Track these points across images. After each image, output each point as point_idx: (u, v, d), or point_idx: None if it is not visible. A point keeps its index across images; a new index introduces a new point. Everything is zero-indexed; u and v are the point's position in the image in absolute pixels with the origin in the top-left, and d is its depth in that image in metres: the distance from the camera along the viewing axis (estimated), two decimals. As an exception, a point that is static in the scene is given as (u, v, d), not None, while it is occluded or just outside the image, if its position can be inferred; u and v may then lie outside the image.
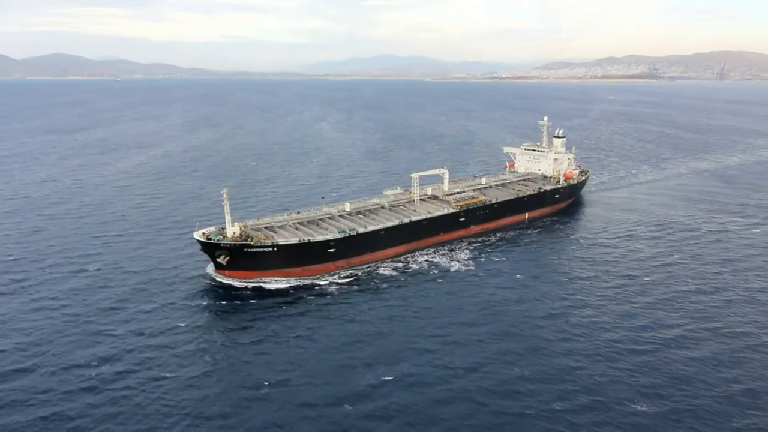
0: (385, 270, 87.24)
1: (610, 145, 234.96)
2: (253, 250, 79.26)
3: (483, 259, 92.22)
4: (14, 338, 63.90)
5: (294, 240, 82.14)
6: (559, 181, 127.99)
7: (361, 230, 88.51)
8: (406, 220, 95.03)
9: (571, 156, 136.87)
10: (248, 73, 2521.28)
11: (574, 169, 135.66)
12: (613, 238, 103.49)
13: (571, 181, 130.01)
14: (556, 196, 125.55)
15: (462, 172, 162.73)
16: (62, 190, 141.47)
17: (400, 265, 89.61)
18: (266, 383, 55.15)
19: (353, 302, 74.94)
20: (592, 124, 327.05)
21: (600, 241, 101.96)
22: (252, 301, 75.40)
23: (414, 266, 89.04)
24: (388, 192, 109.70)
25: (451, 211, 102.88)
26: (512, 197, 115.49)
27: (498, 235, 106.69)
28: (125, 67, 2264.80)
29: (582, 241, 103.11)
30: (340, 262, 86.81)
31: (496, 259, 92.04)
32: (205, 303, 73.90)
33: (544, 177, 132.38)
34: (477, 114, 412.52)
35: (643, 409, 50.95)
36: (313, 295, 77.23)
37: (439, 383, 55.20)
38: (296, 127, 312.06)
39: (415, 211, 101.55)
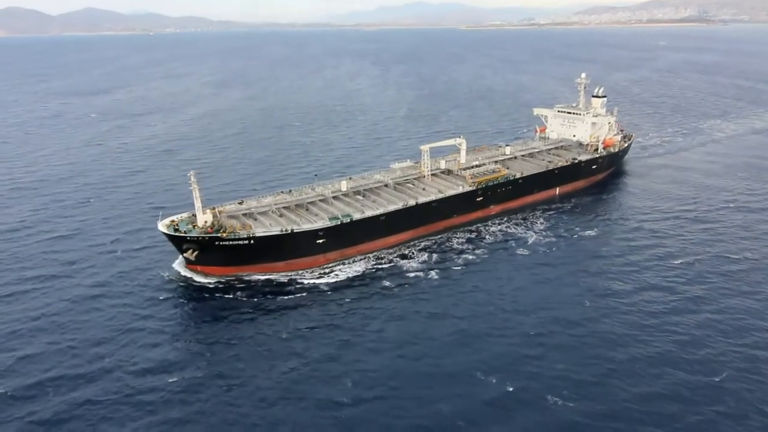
0: (458, 242, 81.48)
1: (671, 100, 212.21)
2: (226, 243, 68.40)
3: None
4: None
5: (275, 230, 70.60)
6: (597, 149, 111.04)
7: (356, 216, 76.11)
8: (412, 203, 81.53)
9: (612, 119, 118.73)
10: (278, 24, 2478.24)
11: (615, 135, 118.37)
12: (701, 218, 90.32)
13: (612, 149, 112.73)
14: (593, 167, 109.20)
15: (518, 134, 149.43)
16: (104, 156, 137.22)
17: (473, 236, 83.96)
18: (345, 400, 47.64)
19: (429, 290, 67.49)
20: (654, 75, 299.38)
21: (667, 219, 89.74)
22: (327, 290, 68.45)
23: (488, 237, 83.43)
24: (396, 166, 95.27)
25: (467, 189, 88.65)
26: (540, 170, 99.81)
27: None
28: (157, 21, 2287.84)
29: (642, 219, 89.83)
30: (332, 254, 75.25)
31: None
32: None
33: (580, 144, 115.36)
34: (524, 66, 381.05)
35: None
36: (382, 273, 71.96)
37: (552, 404, 47.31)
38: (333, 83, 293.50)
39: (424, 189, 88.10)
